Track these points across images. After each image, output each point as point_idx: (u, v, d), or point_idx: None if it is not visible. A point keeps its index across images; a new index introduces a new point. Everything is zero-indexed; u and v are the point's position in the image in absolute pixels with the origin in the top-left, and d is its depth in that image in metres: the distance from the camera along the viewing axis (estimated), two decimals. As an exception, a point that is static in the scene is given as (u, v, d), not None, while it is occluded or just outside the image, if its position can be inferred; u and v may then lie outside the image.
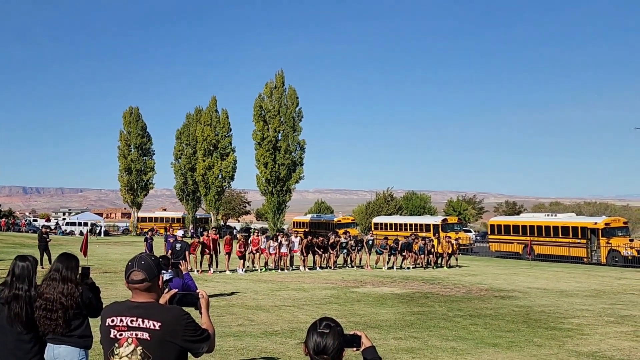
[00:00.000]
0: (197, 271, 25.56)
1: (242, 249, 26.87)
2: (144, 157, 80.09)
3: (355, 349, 3.48)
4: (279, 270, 27.82)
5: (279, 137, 62.64)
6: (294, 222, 70.71)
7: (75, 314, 5.26)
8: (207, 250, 26.22)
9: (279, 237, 29.15)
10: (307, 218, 70.10)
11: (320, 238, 30.65)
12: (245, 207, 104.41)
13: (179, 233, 22.32)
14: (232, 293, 19.38)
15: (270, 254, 28.21)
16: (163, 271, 6.88)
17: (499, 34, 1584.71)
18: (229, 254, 27.69)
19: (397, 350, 11.28)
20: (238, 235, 28.73)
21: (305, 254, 29.17)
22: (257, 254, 28.07)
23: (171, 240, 23.91)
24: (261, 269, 27.87)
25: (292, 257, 29.17)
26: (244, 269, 26.77)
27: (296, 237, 30.76)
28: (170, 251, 19.98)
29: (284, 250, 28.40)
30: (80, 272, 5.51)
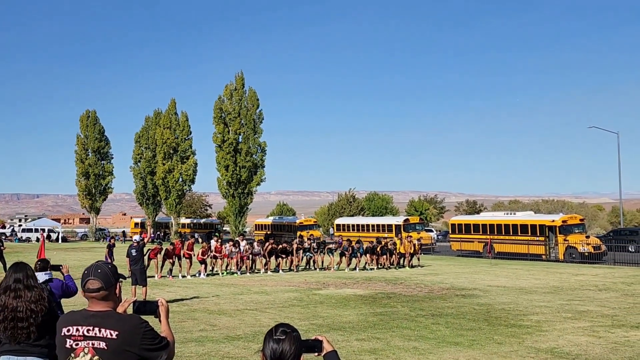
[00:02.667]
0: (157, 276, 25.21)
1: (204, 255, 26.77)
2: (102, 161, 78.86)
3: (316, 354, 3.45)
4: (239, 274, 27.58)
5: (240, 140, 62.38)
6: (255, 224, 70.48)
7: (44, 320, 5.12)
8: (171, 256, 26.08)
9: (240, 241, 29.07)
10: (269, 220, 69.93)
11: (284, 244, 30.56)
12: (207, 210, 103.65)
13: (136, 238, 21.93)
14: (194, 298, 19.19)
15: (232, 258, 28.09)
16: (40, 272, 6.74)
17: (450, 37, 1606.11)
18: (189, 258, 27.16)
19: (360, 352, 11.29)
20: (200, 240, 29.21)
21: (267, 258, 29.06)
22: (218, 258, 28.15)
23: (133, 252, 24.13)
24: (222, 273, 27.80)
25: (253, 260, 28.93)
26: (205, 273, 26.55)
27: (259, 245, 30.05)
28: (127, 257, 19.36)
29: (243, 253, 28.39)
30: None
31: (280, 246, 29.81)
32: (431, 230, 66.81)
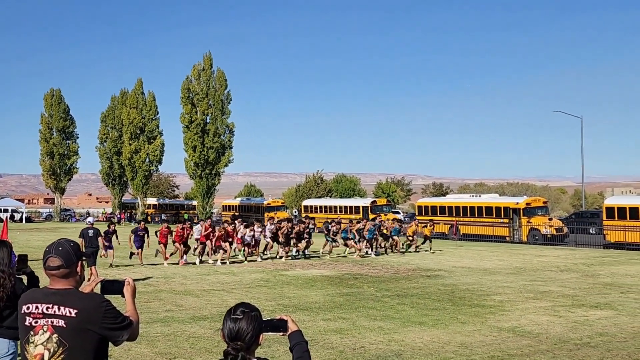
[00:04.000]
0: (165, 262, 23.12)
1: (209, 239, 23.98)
2: (67, 141, 77.67)
3: (281, 333, 3.47)
4: (247, 261, 24.86)
5: (208, 120, 61.94)
6: (223, 205, 70.14)
7: (6, 305, 5.06)
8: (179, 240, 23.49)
9: (254, 226, 25.96)
10: (237, 201, 69.62)
11: (302, 226, 26.92)
12: (174, 191, 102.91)
13: (90, 220, 21.31)
14: (160, 278, 19.12)
15: (247, 244, 25.35)
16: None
17: (413, 18, 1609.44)
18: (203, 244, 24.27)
19: (326, 332, 11.39)
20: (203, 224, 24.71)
21: (284, 243, 26.05)
22: (234, 244, 25.16)
23: (140, 234, 22.97)
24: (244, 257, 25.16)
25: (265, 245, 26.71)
26: (221, 261, 23.71)
27: (272, 224, 27.24)
28: (82, 239, 18.81)
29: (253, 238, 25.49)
30: (16, 260, 5.31)
31: (297, 228, 26.54)
32: (398, 212, 67.33)
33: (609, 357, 9.69)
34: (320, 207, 58.14)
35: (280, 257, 25.78)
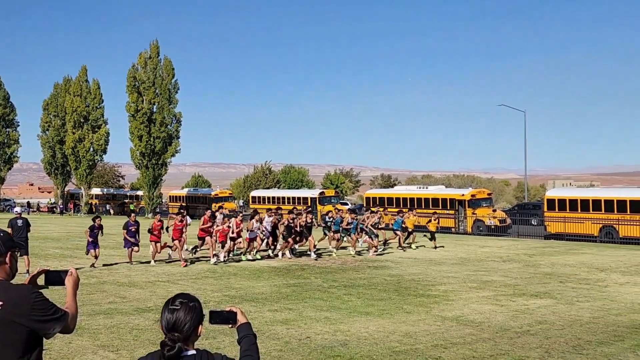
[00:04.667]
0: (182, 263, 20.22)
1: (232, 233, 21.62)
2: (7, 129, 75.17)
3: (230, 325, 3.43)
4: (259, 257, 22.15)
5: (154, 110, 60.89)
6: (170, 196, 69.18)
7: None
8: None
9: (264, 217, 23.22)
10: (184, 192, 68.79)
11: (308, 217, 23.74)
12: (119, 181, 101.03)
13: (17, 209, 20.44)
14: (103, 270, 18.76)
15: (254, 239, 22.39)
16: None
17: (361, 10, 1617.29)
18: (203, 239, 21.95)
19: (272, 322, 11.38)
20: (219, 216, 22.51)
21: (285, 237, 23.10)
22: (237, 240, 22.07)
23: (132, 229, 20.13)
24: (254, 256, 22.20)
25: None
26: (224, 257, 21.50)
27: (269, 216, 23.49)
28: (11, 229, 18.15)
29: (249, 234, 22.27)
30: None
31: (300, 221, 23.31)
32: (346, 204, 67.65)
33: (548, 344, 9.96)
34: (268, 198, 57.98)
35: (276, 255, 22.85)
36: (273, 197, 57.55)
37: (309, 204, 51.51)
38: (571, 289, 15.71)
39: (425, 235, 29.37)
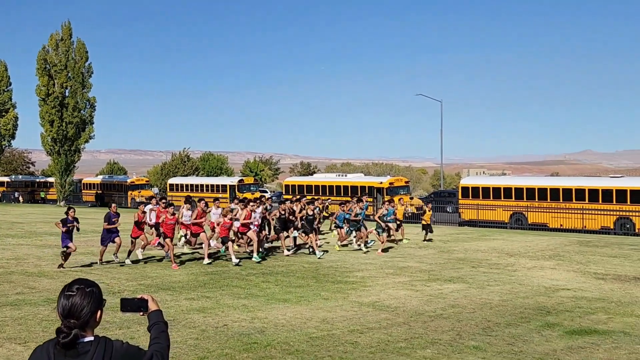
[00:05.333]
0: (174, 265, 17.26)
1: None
2: None
3: (141, 313, 3.38)
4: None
5: (67, 94, 58.69)
6: (83, 183, 67.05)
7: None
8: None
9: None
10: (98, 179, 66.83)
11: (309, 209, 20.91)
12: (29, 167, 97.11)
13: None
14: (11, 259, 18.00)
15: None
16: None
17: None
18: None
19: (189, 311, 11.23)
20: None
21: (281, 231, 20.52)
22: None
23: (115, 221, 17.26)
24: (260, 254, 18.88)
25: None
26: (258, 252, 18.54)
27: (258, 205, 20.00)
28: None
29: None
30: None
31: (301, 213, 20.79)
32: (265, 191, 67.53)
33: (459, 327, 10.27)
34: (187, 185, 57.13)
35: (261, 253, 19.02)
36: (191, 185, 56.76)
37: (228, 192, 51.17)
38: (482, 274, 16.25)
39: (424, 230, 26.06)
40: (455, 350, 8.82)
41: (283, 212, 20.45)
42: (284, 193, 50.47)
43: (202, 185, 55.60)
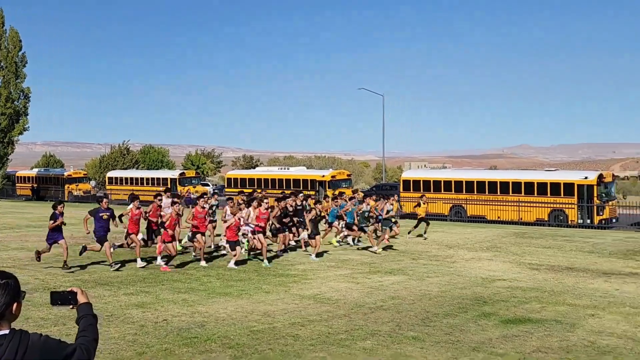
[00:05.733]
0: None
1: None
2: None
3: (71, 306, 3.33)
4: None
5: (-1, 84, 56.69)
6: (17, 176, 65.04)
7: None
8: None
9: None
10: (34, 172, 64.91)
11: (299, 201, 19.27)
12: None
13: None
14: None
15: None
16: None
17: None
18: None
19: (128, 306, 11.05)
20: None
21: (276, 227, 18.53)
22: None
23: (104, 216, 15.32)
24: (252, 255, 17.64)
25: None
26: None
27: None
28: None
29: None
30: None
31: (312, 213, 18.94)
32: (207, 185, 66.92)
33: (399, 318, 10.42)
34: (126, 178, 56.10)
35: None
36: (131, 178, 55.77)
37: (169, 185, 50.50)
38: (422, 266, 16.51)
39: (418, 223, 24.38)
40: (394, 341, 8.95)
41: (287, 210, 18.68)
42: (226, 186, 50.12)
43: (142, 179, 54.68)
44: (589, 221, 31.19)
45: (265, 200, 16.97)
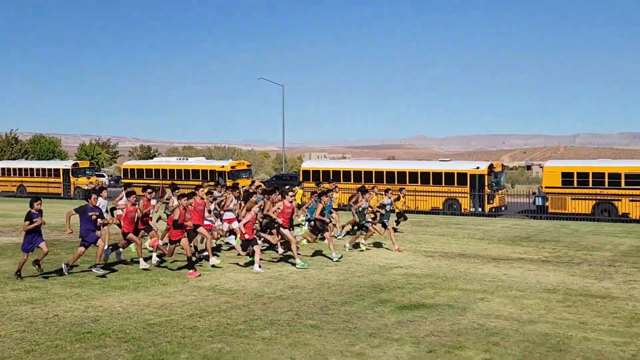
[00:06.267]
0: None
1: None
2: None
3: None
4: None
5: None
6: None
7: None
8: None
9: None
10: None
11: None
12: None
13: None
14: None
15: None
16: None
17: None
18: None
19: (15, 302, 10.56)
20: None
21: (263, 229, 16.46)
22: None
23: (93, 216, 13.22)
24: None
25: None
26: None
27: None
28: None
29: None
30: None
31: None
32: (103, 175, 64.80)
33: (298, 307, 10.51)
34: (14, 169, 53.29)
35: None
36: (20, 169, 53.01)
37: (61, 176, 48.50)
38: (321, 255, 16.68)
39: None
40: (293, 330, 9.02)
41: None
42: (122, 177, 48.68)
43: (32, 170, 52.07)
44: (480, 209, 32.56)
45: (290, 193, 15.28)
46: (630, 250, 18.51)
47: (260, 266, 14.09)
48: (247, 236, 14.22)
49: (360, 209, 17.55)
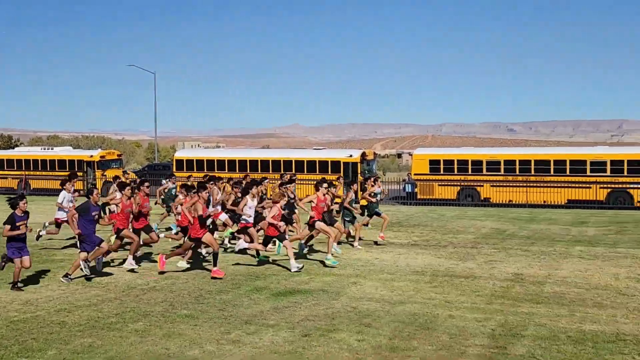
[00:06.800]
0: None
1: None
2: None
3: None
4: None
5: None
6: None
7: None
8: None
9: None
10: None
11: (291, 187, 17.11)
12: None
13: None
14: None
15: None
16: None
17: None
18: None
19: None
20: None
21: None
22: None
23: (95, 215, 11.92)
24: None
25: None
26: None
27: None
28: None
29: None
30: None
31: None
32: None
33: (172, 297, 10.38)
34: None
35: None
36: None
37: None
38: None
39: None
40: (167, 321, 8.90)
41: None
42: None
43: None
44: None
45: (324, 185, 14.23)
46: (491, 232, 19.74)
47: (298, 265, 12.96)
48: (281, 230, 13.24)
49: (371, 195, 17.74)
